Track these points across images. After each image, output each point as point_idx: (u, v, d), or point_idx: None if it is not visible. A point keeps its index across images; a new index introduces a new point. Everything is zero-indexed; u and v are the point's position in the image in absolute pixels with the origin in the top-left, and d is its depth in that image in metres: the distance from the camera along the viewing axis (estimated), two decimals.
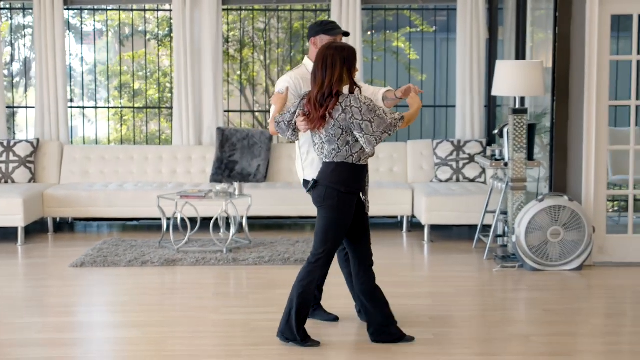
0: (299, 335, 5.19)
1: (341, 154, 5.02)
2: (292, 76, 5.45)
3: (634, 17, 7.32)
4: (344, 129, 4.96)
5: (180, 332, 5.54)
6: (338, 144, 5.00)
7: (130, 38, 11.39)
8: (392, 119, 5.00)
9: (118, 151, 9.60)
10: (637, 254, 7.45)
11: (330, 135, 4.98)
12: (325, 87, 4.94)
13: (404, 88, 5.48)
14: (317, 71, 4.98)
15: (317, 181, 5.13)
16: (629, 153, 7.55)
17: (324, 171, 5.11)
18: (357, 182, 5.13)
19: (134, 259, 7.55)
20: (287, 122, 5.19)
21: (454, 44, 9.82)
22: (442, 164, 9.26)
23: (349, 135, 4.98)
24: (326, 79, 4.94)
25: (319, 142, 5.10)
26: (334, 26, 5.49)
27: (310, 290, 5.21)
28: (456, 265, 7.55)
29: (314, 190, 5.15)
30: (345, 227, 5.15)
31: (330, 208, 5.10)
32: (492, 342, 5.39)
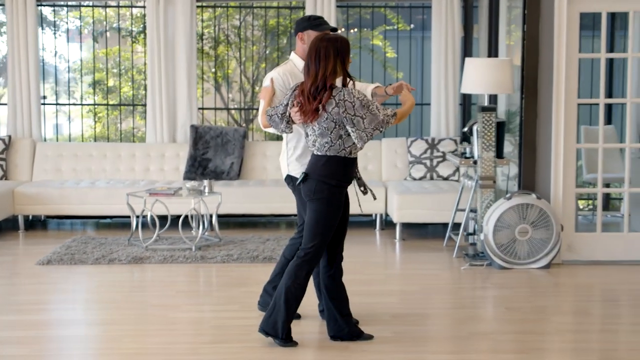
0: (282, 333, 5.11)
1: (334, 148, 4.97)
2: (280, 72, 5.40)
3: (602, 14, 7.31)
4: (337, 123, 4.92)
5: (139, 330, 5.51)
6: (331, 137, 4.95)
7: (104, 35, 11.33)
8: (384, 115, 4.95)
9: (91, 148, 9.56)
10: (606, 252, 7.44)
11: (323, 128, 4.94)
12: (319, 80, 4.90)
13: (396, 85, 5.44)
14: (310, 63, 4.93)
15: (307, 174, 5.07)
16: (603, 151, 7.55)
17: (314, 164, 5.06)
18: (347, 175, 5.10)
19: (102, 256, 7.51)
20: (280, 115, 5.13)
21: (430, 41, 9.80)
22: (416, 162, 9.24)
23: (341, 129, 4.94)
24: (320, 71, 4.89)
25: (311, 135, 5.05)
26: (322, 21, 5.44)
27: (299, 286, 5.12)
28: (425, 264, 7.54)
29: (304, 183, 5.10)
30: (335, 221, 5.12)
31: (321, 201, 5.06)
32: (450, 340, 5.37)
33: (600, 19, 7.30)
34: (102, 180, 9.18)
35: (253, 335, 5.34)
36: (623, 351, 5.21)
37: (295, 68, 5.43)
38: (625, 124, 9.04)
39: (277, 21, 11.25)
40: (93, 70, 10.95)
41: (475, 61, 7.48)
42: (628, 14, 7.35)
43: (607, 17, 7.31)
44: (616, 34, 9.89)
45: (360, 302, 6.04)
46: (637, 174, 8.29)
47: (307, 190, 5.10)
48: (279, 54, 11.34)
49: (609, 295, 6.61)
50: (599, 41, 7.30)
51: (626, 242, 7.47)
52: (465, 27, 9.61)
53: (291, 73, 5.40)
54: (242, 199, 8.83)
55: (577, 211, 9.26)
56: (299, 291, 5.14)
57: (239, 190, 8.85)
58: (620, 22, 10.16)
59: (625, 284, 6.86)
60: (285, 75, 5.38)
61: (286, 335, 5.14)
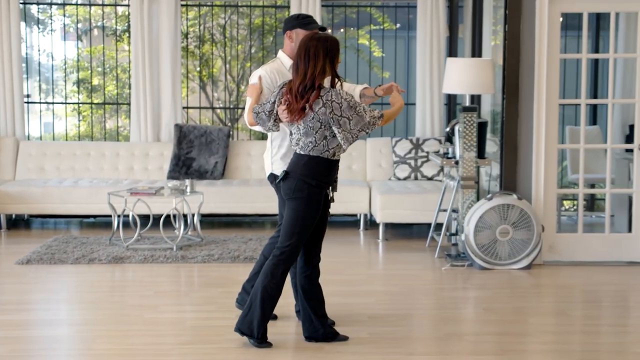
0: (258, 332, 5.09)
1: (318, 148, 4.95)
2: (267, 70, 5.36)
3: (583, 15, 7.29)
4: (323, 123, 4.90)
5: (112, 331, 5.49)
6: (315, 138, 4.93)
7: (89, 33, 11.30)
8: (371, 117, 4.93)
9: (74, 147, 9.53)
10: (587, 253, 7.43)
11: (309, 127, 4.92)
12: (308, 79, 4.87)
13: (386, 86, 5.42)
14: (299, 62, 4.90)
15: (288, 172, 5.05)
16: (587, 151, 7.55)
17: (296, 163, 5.03)
18: (328, 176, 5.07)
19: (82, 256, 7.48)
20: (267, 112, 5.10)
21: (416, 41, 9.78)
22: (400, 162, 9.22)
23: (327, 130, 4.92)
24: (308, 70, 4.87)
25: (295, 133, 5.02)
26: (311, 20, 5.41)
27: (276, 285, 5.10)
28: (407, 264, 7.52)
29: (284, 181, 5.07)
30: (313, 221, 5.09)
31: (300, 200, 5.03)
32: (425, 341, 5.35)
33: (597, 19, 7.30)
34: (85, 180, 9.15)
35: (228, 335, 5.32)
36: (603, 352, 5.18)
37: (283, 66, 5.40)
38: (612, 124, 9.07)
39: (262, 20, 11.22)
40: (77, 68, 10.92)
41: (457, 61, 7.47)
42: (607, 15, 7.33)
43: (592, 17, 7.30)
44: (601, 34, 9.87)
45: (338, 303, 6.03)
46: (621, 175, 8.28)
47: (287, 188, 5.07)
48: (264, 53, 11.31)
49: (590, 296, 6.59)
50: (588, 41, 7.28)
51: (608, 242, 7.46)
52: (451, 27, 9.60)
53: (278, 71, 5.37)
54: (226, 199, 8.81)
55: (561, 211, 9.26)
56: (275, 290, 5.12)
57: (222, 189, 8.83)
58: (605, 22, 10.14)
59: (606, 284, 6.85)
60: (272, 74, 5.35)
61: (262, 336, 5.11)
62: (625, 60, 8.74)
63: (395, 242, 8.42)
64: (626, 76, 8.80)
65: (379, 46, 11.69)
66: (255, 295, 5.10)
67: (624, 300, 6.47)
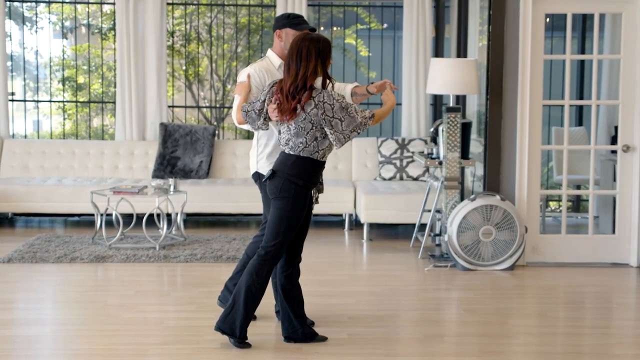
0: (240, 332, 5.05)
1: (308, 149, 4.94)
2: (256, 68, 5.32)
3: (567, 16, 7.29)
4: (314, 124, 4.89)
5: (90, 330, 5.46)
6: (306, 138, 4.92)
7: (74, 32, 11.26)
8: (362, 117, 4.92)
9: (59, 146, 9.49)
10: (570, 254, 7.43)
11: (300, 128, 4.90)
12: (299, 80, 4.85)
13: (379, 83, 5.40)
14: (290, 62, 4.89)
15: (275, 172, 5.02)
16: (574, 153, 7.54)
17: (283, 162, 5.00)
18: (315, 177, 5.05)
19: (64, 255, 7.45)
20: (257, 111, 5.07)
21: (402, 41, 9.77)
22: (386, 162, 9.21)
23: (317, 131, 4.91)
24: (300, 71, 4.85)
25: (285, 133, 4.99)
26: (302, 21, 5.38)
27: (260, 285, 5.06)
28: (390, 264, 7.50)
29: (270, 180, 5.03)
30: (298, 221, 5.07)
31: (286, 200, 5.00)
32: (403, 342, 5.33)
33: (576, 20, 7.29)
34: (69, 178, 9.11)
35: (207, 336, 5.30)
36: (584, 354, 5.16)
37: (272, 65, 5.37)
38: (597, 125, 9.06)
39: (248, 19, 11.20)
40: (62, 67, 10.88)
41: (440, 61, 7.46)
42: (603, 15, 7.32)
43: (579, 18, 7.29)
44: (588, 35, 9.86)
45: (319, 303, 6.02)
46: (606, 176, 8.28)
47: (273, 187, 5.04)
48: (250, 52, 11.28)
49: (572, 297, 6.58)
50: (575, 42, 7.28)
51: (591, 244, 7.45)
52: (437, 27, 9.59)
53: (267, 70, 5.34)
54: (210, 198, 8.78)
55: (546, 212, 9.25)
56: (258, 290, 5.09)
57: (206, 189, 8.81)
58: (592, 23, 10.13)
59: (589, 286, 6.84)
60: (261, 72, 5.31)
61: (243, 335, 5.09)
62: (611, 62, 8.74)
63: (380, 243, 8.40)
64: (612, 78, 8.80)
65: (365, 46, 11.68)
66: (238, 295, 5.07)
67: (606, 301, 6.46)
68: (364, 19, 11.45)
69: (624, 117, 7.32)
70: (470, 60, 7.34)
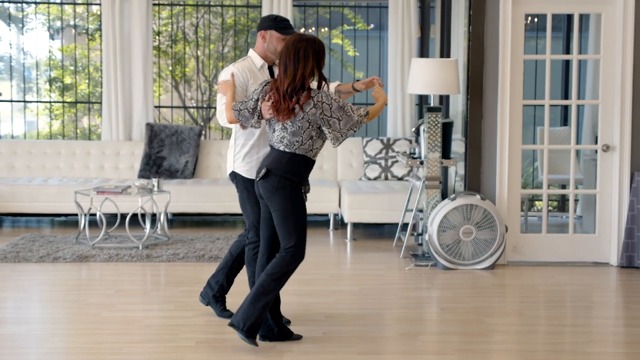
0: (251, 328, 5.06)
1: (303, 147, 5.00)
2: (239, 68, 5.33)
3: (547, 16, 7.32)
4: (311, 123, 4.94)
5: (67, 329, 5.50)
6: (302, 137, 4.97)
7: (61, 32, 11.28)
8: (358, 115, 4.98)
9: (45, 146, 9.53)
10: (551, 253, 7.46)
11: (297, 127, 4.95)
12: (298, 80, 4.91)
13: (367, 80, 5.45)
14: (288, 63, 4.93)
15: (270, 170, 5.03)
16: (559, 152, 7.58)
17: (278, 160, 5.03)
18: (307, 175, 5.12)
19: (47, 254, 7.48)
20: (250, 110, 5.08)
21: None
22: (371, 162, 9.24)
23: (313, 130, 4.97)
24: (298, 71, 4.90)
25: (280, 131, 5.01)
26: (288, 25, 5.39)
27: (278, 282, 5.11)
28: (372, 264, 7.54)
29: (265, 179, 5.05)
30: (303, 215, 5.11)
31: (284, 198, 5.03)
32: (378, 341, 5.35)
33: (561, 20, 7.32)
34: (55, 178, 9.14)
35: (181, 335, 5.34)
36: (554, 352, 5.17)
37: (253, 65, 5.38)
38: (582, 125, 9.08)
39: (234, 20, 11.22)
40: (49, 67, 10.91)
41: (420, 61, 7.49)
42: (589, 16, 7.35)
43: (564, 19, 7.33)
44: (572, 36, 9.88)
45: (298, 302, 6.05)
46: (590, 176, 8.31)
47: (269, 186, 5.05)
48: (236, 53, 11.31)
49: (550, 296, 6.61)
50: (560, 42, 7.32)
51: (572, 243, 7.49)
52: (422, 27, 9.62)
53: (250, 70, 5.35)
54: (195, 198, 8.82)
55: (531, 212, 9.30)
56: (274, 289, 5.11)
57: (191, 189, 8.84)
58: (572, 23, 10.16)
59: (567, 285, 6.87)
60: (244, 72, 5.32)
61: (253, 332, 5.04)
62: (595, 62, 8.76)
63: (363, 242, 8.44)
64: (596, 78, 8.81)
65: (352, 46, 11.71)
66: (258, 296, 5.06)
67: (583, 300, 6.49)
68: (350, 19, 11.48)
69: (604, 116, 7.36)
70: (451, 60, 7.37)
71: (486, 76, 7.30)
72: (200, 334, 5.39)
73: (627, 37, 7.17)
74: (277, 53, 5.31)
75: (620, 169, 7.29)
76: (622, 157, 7.28)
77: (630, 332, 5.70)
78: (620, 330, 5.78)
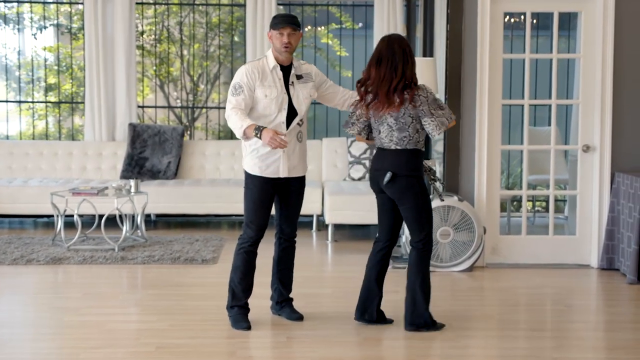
0: (431, 320, 5.42)
1: (412, 141, 5.25)
2: (249, 67, 5.31)
3: (526, 14, 7.21)
4: (414, 118, 5.21)
5: (26, 334, 5.40)
6: (409, 132, 5.23)
7: (42, 31, 11.23)
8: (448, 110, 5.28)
9: (26, 146, 9.47)
10: (531, 255, 7.35)
11: (401, 123, 5.21)
12: (408, 78, 5.18)
13: None
14: (398, 63, 5.16)
15: (394, 173, 5.23)
16: (546, 153, 7.49)
17: (397, 160, 5.24)
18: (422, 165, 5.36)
19: (21, 256, 7.41)
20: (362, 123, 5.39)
21: None
22: (355, 162, 9.15)
23: (417, 123, 5.23)
24: (408, 69, 5.19)
25: (386, 131, 5.25)
26: (278, 20, 5.36)
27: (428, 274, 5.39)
28: (350, 266, 7.44)
29: (393, 183, 5.26)
30: (430, 204, 5.37)
31: (416, 195, 5.27)
32: (341, 345, 5.22)
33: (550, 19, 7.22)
34: (36, 179, 9.08)
35: (142, 340, 5.25)
36: (519, 357, 5.07)
37: (266, 65, 5.35)
38: (570, 125, 8.95)
39: (219, 18, 11.13)
40: (32, 67, 10.85)
41: None
42: (577, 14, 7.23)
43: (550, 17, 7.23)
44: (560, 34, 9.76)
45: (266, 306, 5.92)
46: (575, 176, 8.16)
47: (399, 187, 5.26)
48: (222, 52, 11.23)
49: (524, 299, 6.48)
50: (548, 41, 7.19)
51: (551, 245, 7.38)
52: (408, 26, 9.51)
53: (260, 70, 5.31)
54: (176, 199, 8.74)
55: (515, 212, 9.17)
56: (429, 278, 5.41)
57: (172, 189, 8.77)
58: (563, 22, 10.04)
59: (544, 287, 6.75)
60: (252, 72, 5.28)
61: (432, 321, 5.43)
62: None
63: (345, 244, 8.34)
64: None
65: (340, 45, 11.61)
66: (414, 291, 5.36)
67: (557, 303, 6.38)
68: (338, 18, 11.37)
69: (584, 116, 7.24)
70: (429, 60, 7.26)
71: (464, 75, 7.20)
72: (161, 339, 5.29)
73: (607, 35, 7.05)
74: (280, 51, 5.30)
75: (600, 169, 7.18)
76: (603, 158, 7.16)
77: (610, 336, 5.55)
78: (600, 335, 5.64)
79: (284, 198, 5.58)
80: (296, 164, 5.50)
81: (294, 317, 5.69)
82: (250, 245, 5.49)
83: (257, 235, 5.48)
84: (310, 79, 5.47)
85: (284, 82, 5.35)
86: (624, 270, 6.94)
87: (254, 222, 5.45)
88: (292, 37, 5.31)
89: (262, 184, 5.43)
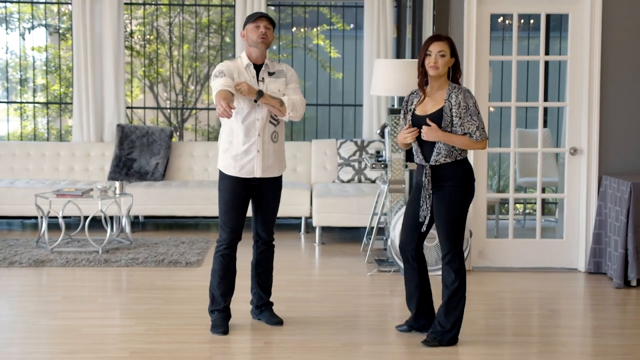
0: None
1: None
2: (226, 63, 5.34)
3: (514, 16, 7.14)
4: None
5: (1, 339, 5.33)
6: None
7: (31, 31, 11.17)
8: None
9: (13, 147, 9.41)
10: (518, 259, 7.27)
11: None
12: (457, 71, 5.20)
13: None
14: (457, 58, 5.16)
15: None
16: (536, 155, 7.43)
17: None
18: None
19: (3, 259, 7.34)
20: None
21: None
22: (344, 164, 9.08)
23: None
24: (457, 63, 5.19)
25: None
26: (252, 15, 5.37)
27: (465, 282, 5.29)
28: (335, 269, 7.37)
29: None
30: None
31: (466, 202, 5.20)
32: (318, 351, 5.16)
33: (556, 21, 7.15)
34: (22, 180, 9.02)
35: (117, 345, 5.19)
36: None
37: (241, 64, 5.36)
38: (562, 127, 8.89)
39: (208, 19, 11.06)
40: (20, 67, 10.79)
41: (383, 62, 7.31)
42: (567, 15, 7.15)
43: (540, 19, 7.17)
44: (551, 36, 9.71)
45: (247, 310, 5.85)
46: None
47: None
48: (210, 53, 11.17)
49: (509, 303, 6.42)
50: (538, 43, 7.13)
51: (539, 248, 7.30)
52: (399, 27, 9.45)
53: (236, 67, 5.33)
54: (164, 201, 8.68)
55: (503, 216, 9.10)
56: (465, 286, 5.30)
57: (160, 191, 8.70)
58: (556, 23, 9.98)
59: (530, 292, 6.69)
60: (229, 67, 5.29)
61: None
62: None
63: (332, 246, 8.28)
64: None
65: (332, 46, 11.55)
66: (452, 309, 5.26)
67: (540, 308, 6.31)
68: (329, 19, 11.31)
69: (571, 119, 7.16)
70: (412, 61, 7.19)
71: None
72: (137, 343, 5.23)
73: (594, 38, 6.97)
74: (256, 43, 5.27)
75: (587, 172, 7.10)
76: (590, 161, 7.08)
77: (596, 342, 5.47)
78: (586, 340, 5.55)
79: (258, 201, 5.51)
80: (271, 164, 5.43)
81: (273, 322, 5.63)
82: (225, 248, 5.43)
83: (232, 237, 5.41)
84: (282, 75, 5.43)
85: (257, 80, 5.33)
86: (611, 274, 6.87)
87: (227, 224, 5.39)
88: (269, 31, 5.28)
89: (235, 185, 5.39)
